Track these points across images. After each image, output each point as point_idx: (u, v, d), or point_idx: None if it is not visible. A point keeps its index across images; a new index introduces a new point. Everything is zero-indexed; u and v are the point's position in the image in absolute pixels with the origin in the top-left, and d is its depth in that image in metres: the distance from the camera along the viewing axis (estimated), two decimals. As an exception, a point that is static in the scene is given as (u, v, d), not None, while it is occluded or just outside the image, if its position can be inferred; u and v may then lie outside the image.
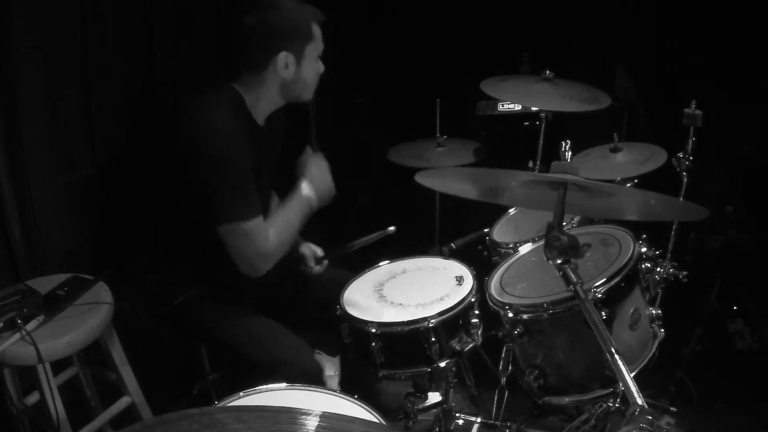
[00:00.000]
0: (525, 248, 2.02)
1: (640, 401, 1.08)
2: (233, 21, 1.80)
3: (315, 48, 1.81)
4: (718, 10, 2.83)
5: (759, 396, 2.33)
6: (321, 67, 1.87)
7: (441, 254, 2.17)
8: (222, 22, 2.81)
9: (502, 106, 3.29)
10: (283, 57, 1.75)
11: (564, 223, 1.32)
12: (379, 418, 1.29)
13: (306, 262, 2.09)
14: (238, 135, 1.73)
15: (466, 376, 2.22)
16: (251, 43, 1.76)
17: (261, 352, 1.81)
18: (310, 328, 1.96)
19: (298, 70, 1.80)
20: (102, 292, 1.90)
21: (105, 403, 2.06)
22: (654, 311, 1.70)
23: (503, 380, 1.95)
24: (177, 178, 1.84)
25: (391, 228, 2.08)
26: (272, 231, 1.79)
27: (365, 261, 2.10)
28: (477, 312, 1.83)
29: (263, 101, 1.84)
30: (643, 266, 1.70)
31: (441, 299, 1.82)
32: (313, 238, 2.15)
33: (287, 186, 1.90)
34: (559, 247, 1.27)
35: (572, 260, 1.29)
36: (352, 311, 1.82)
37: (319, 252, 2.12)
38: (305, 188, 1.88)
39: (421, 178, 1.41)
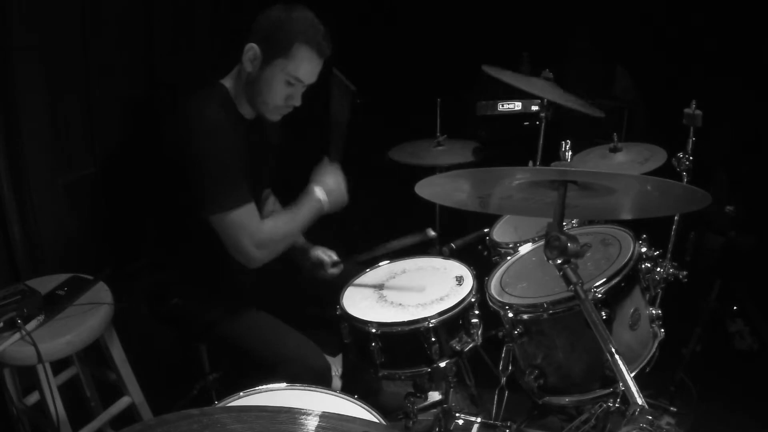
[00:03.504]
0: (525, 248, 2.02)
1: (640, 401, 1.08)
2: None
3: (286, 66, 1.74)
4: (718, 10, 2.83)
5: (759, 396, 2.33)
6: (296, 101, 1.82)
7: (441, 254, 2.17)
8: (223, 21, 2.82)
9: (502, 106, 3.28)
10: (251, 49, 1.75)
11: (564, 223, 1.32)
12: (379, 418, 1.29)
13: (324, 267, 2.09)
14: (223, 128, 1.73)
15: (466, 376, 2.22)
16: (237, 29, 1.79)
17: (265, 348, 1.82)
18: (309, 328, 1.96)
19: (260, 73, 1.76)
20: (102, 292, 1.90)
21: (105, 403, 2.07)
22: (654, 311, 1.70)
23: (503, 380, 1.95)
24: (173, 178, 1.84)
25: (432, 233, 2.00)
26: (270, 222, 1.81)
27: (366, 261, 2.10)
28: (477, 312, 1.83)
29: (243, 97, 1.84)
30: (643, 266, 1.70)
31: (441, 299, 1.82)
32: (321, 241, 2.16)
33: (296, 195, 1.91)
34: (559, 247, 1.27)
35: (572, 260, 1.29)
36: (352, 311, 1.82)
37: (334, 256, 2.12)
38: (318, 191, 1.89)
39: (420, 190, 1.40)
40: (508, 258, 1.99)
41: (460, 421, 2.05)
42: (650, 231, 1.80)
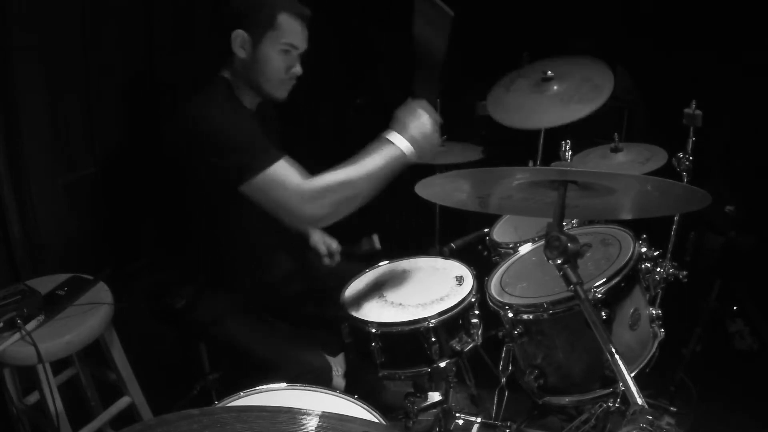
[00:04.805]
0: (525, 248, 2.02)
1: (640, 401, 1.08)
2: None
3: (277, 37, 1.76)
4: (718, 10, 2.83)
5: (759, 396, 2.33)
6: (297, 69, 1.83)
7: (441, 254, 2.17)
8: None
9: (502, 105, 3.28)
10: (239, 35, 1.75)
11: (564, 223, 1.32)
12: (379, 418, 1.29)
13: (319, 252, 2.07)
14: (232, 110, 1.74)
15: (466, 376, 2.22)
16: (217, 22, 1.79)
17: (265, 348, 1.82)
18: (310, 328, 1.96)
19: (254, 54, 1.77)
20: (102, 292, 1.90)
21: (105, 403, 2.07)
22: (654, 311, 1.70)
23: (503, 380, 1.95)
24: (174, 178, 1.84)
25: None
26: (329, 174, 1.63)
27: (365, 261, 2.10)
28: (477, 312, 1.83)
29: (243, 87, 1.84)
30: (643, 266, 1.70)
31: (441, 299, 1.82)
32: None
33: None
34: (559, 247, 1.27)
35: (572, 260, 1.28)
36: (352, 311, 1.82)
37: (334, 245, 2.09)
38: (393, 136, 1.68)
39: (420, 190, 1.40)
40: (508, 258, 1.99)
41: (460, 421, 2.05)
42: (650, 231, 1.80)
